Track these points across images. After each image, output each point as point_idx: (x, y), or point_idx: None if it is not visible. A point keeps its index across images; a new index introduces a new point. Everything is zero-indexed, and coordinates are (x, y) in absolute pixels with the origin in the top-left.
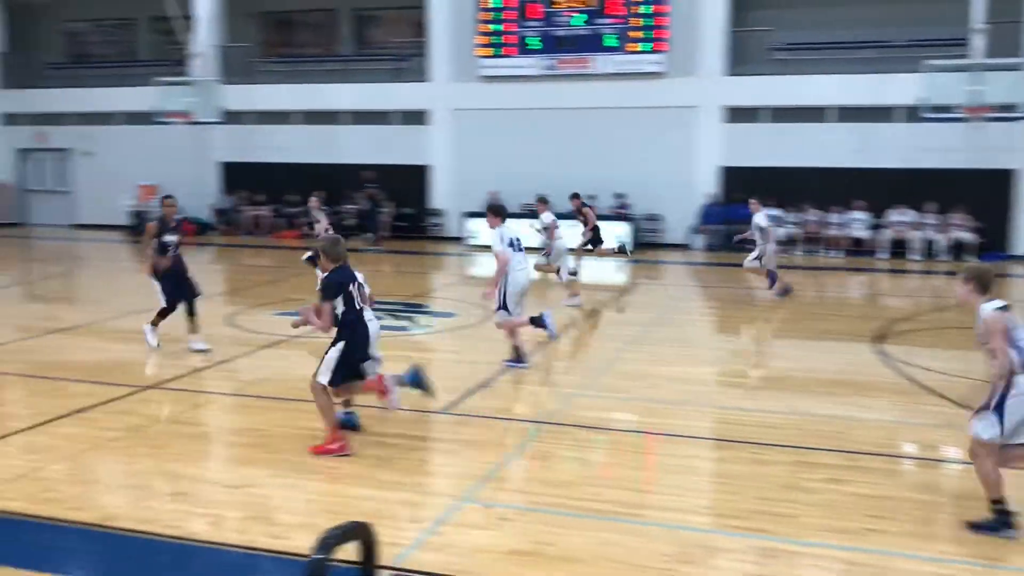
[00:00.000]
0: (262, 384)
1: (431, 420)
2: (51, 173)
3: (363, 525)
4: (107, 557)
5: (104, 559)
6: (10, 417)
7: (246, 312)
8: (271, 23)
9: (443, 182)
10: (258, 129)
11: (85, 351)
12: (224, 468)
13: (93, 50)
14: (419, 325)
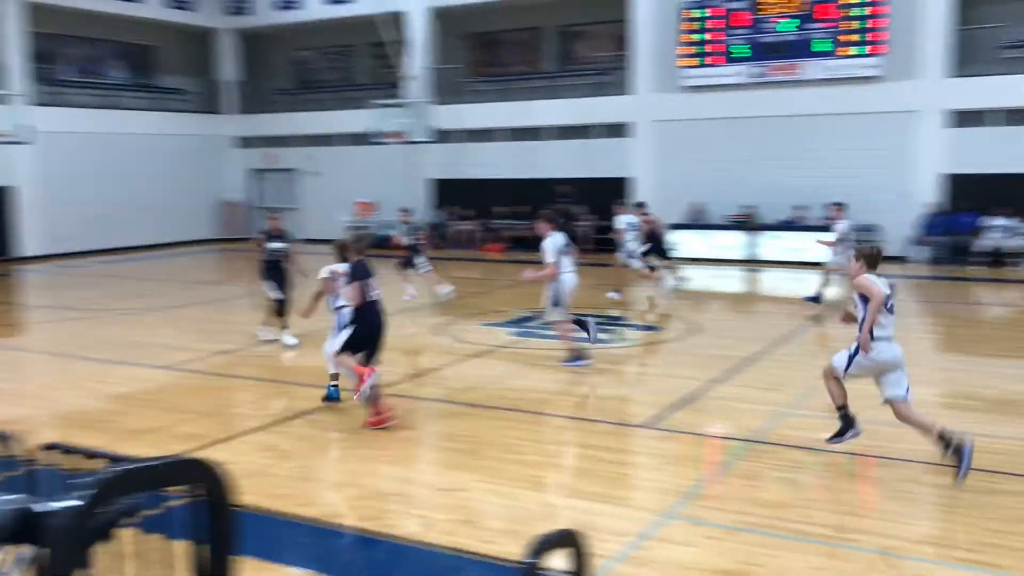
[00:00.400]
0: (470, 392)
1: (634, 434)
2: (279, 191)
3: (575, 533)
4: (330, 552)
5: (327, 554)
6: (245, 417)
7: (455, 323)
8: (479, 44)
9: (645, 194)
10: (466, 146)
11: (310, 357)
12: (435, 472)
13: (317, 76)
14: (622, 339)
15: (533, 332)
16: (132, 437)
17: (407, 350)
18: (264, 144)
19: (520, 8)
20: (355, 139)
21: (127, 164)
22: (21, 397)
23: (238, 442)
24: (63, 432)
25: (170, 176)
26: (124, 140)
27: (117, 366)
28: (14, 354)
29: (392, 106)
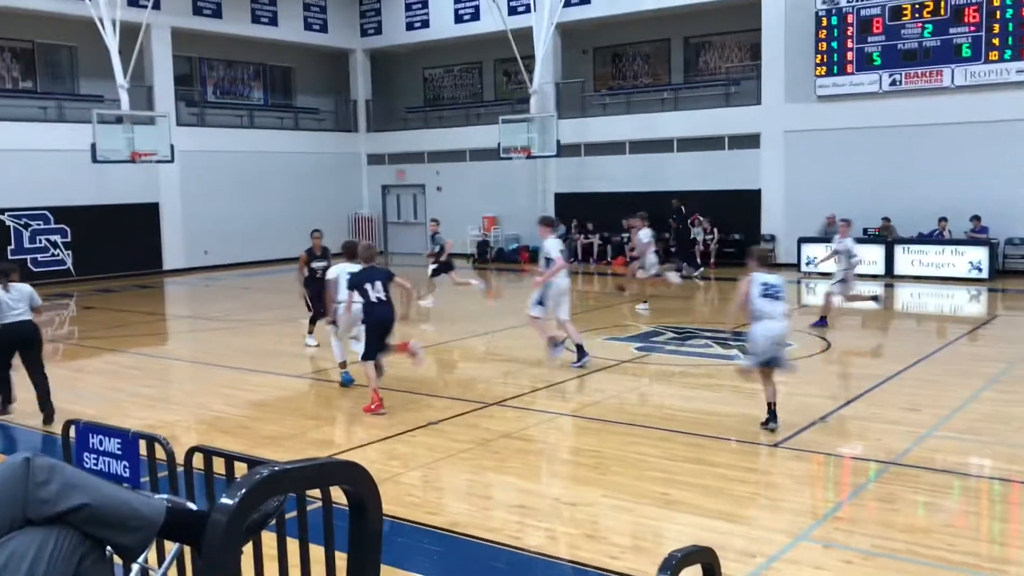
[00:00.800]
0: (594, 407)
1: (764, 453)
2: (408, 206)
3: (708, 550)
4: (454, 560)
5: (452, 562)
6: (374, 426)
7: None
8: (604, 57)
9: (774, 206)
10: (590, 160)
11: (437, 367)
12: (561, 485)
13: (445, 93)
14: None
15: (659, 347)
16: (268, 442)
17: (531, 363)
18: (394, 160)
19: (646, 21)
20: (481, 154)
21: (265, 181)
22: (167, 403)
23: (368, 449)
24: (206, 436)
25: (305, 192)
26: (262, 158)
27: (254, 374)
28: (161, 362)
29: (518, 121)
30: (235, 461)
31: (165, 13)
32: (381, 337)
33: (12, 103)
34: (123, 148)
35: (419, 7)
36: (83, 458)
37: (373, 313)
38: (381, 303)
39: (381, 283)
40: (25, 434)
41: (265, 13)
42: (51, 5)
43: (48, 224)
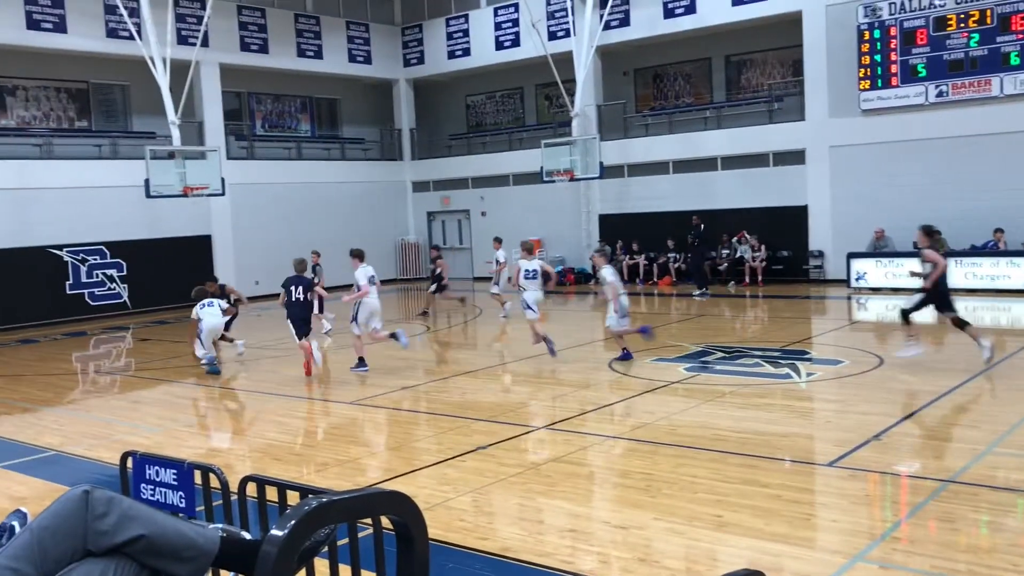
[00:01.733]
0: (644, 429)
1: (818, 473)
2: (453, 232)
3: (759, 573)
4: None
5: None
6: (424, 451)
7: None
8: (645, 78)
9: (822, 222)
10: (634, 180)
11: (485, 392)
12: (611, 508)
13: (487, 119)
14: (802, 373)
15: (709, 367)
16: (321, 470)
17: (578, 385)
18: (438, 187)
19: (686, 40)
20: (524, 178)
21: (313, 211)
22: (221, 432)
23: (419, 475)
24: (259, 465)
25: (353, 221)
26: (310, 189)
27: (306, 401)
28: (214, 391)
29: (560, 144)
30: (288, 490)
31: (213, 50)
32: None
33: (69, 142)
34: (175, 183)
35: (460, 36)
36: (140, 489)
37: (288, 313)
38: (298, 302)
39: (303, 288)
40: (83, 465)
41: (310, 47)
42: (104, 46)
43: (104, 259)
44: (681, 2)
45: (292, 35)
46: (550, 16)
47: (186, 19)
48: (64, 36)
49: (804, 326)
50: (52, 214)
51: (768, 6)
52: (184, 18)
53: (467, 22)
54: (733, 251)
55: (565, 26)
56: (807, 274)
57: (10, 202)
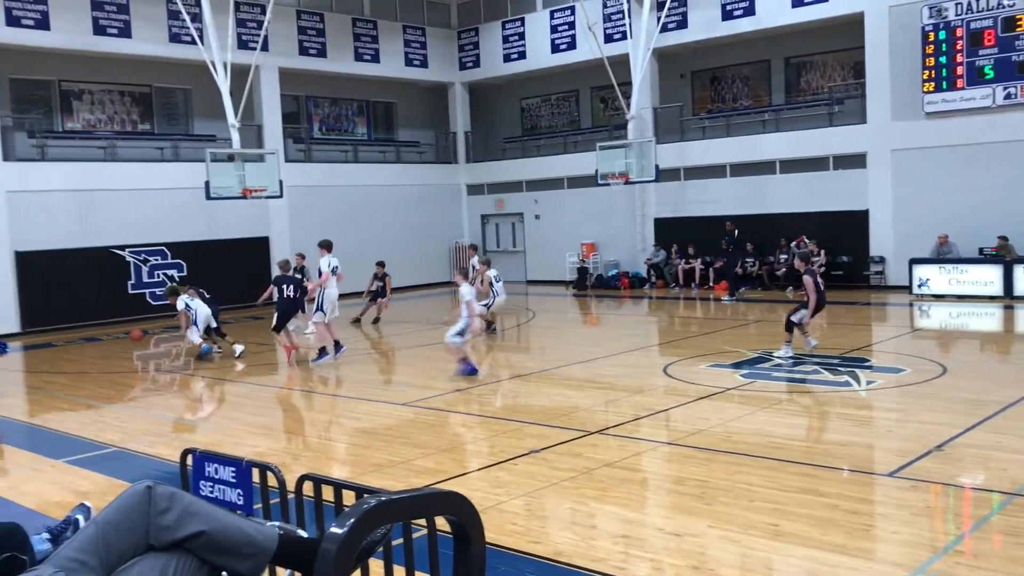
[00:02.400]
0: (699, 435)
1: (877, 483)
2: (507, 235)
3: None
4: None
5: None
6: (476, 454)
7: (680, 363)
8: (703, 81)
9: (883, 227)
10: (690, 184)
11: (538, 396)
12: (664, 515)
13: (542, 122)
14: (862, 381)
15: (766, 374)
16: (375, 470)
17: (633, 390)
18: (493, 190)
19: (744, 43)
20: (579, 181)
21: (368, 213)
22: (278, 431)
23: (471, 477)
24: (314, 464)
25: (408, 223)
26: (366, 191)
27: (362, 402)
28: (271, 391)
29: (615, 147)
30: (344, 489)
31: (273, 54)
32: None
33: (132, 144)
34: (235, 185)
35: (516, 39)
36: (199, 486)
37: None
38: (289, 299)
39: (294, 286)
40: (143, 461)
41: (368, 51)
42: (167, 51)
43: (165, 259)
44: (740, 4)
45: (350, 39)
46: (606, 19)
47: (246, 24)
48: (129, 41)
49: (864, 333)
50: (115, 215)
51: (829, 7)
52: (244, 23)
53: (523, 25)
54: (791, 256)
55: (622, 28)
56: (867, 280)
57: (75, 203)
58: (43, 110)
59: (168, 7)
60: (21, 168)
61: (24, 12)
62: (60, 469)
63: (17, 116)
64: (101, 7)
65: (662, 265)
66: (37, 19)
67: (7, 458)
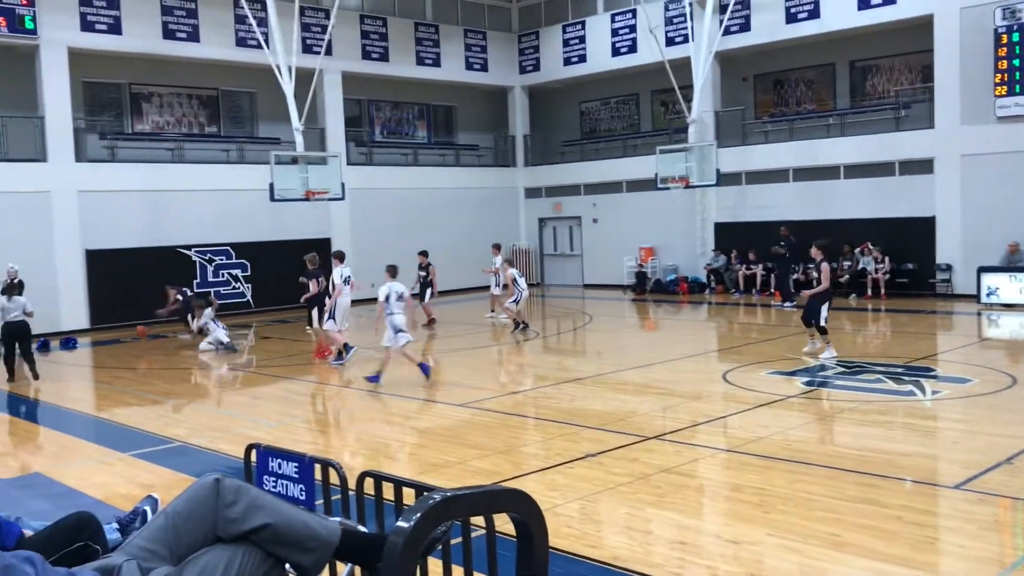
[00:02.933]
0: (758, 443)
1: (942, 495)
2: (564, 238)
3: None
4: None
5: None
6: (532, 456)
7: (740, 370)
8: (766, 84)
9: (950, 234)
10: (751, 188)
11: (595, 400)
12: (722, 522)
13: (602, 125)
14: (927, 391)
15: (828, 382)
16: (433, 469)
17: (691, 396)
18: (551, 193)
19: (809, 46)
20: (638, 185)
21: (427, 216)
22: (337, 429)
23: (527, 480)
24: (372, 462)
25: (465, 226)
26: (425, 194)
27: (421, 402)
28: (331, 389)
29: (675, 151)
30: (403, 487)
31: (337, 59)
32: None
33: (199, 147)
34: (298, 187)
35: (576, 43)
36: (263, 480)
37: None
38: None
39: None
40: (207, 456)
41: (429, 55)
42: (234, 55)
43: (230, 259)
44: (804, 7)
45: (412, 43)
46: (668, 22)
47: (311, 28)
48: (197, 45)
49: (930, 342)
50: (182, 215)
51: (897, 10)
52: (309, 27)
53: (584, 28)
54: (855, 262)
55: (683, 32)
56: (933, 288)
57: (143, 203)
58: (114, 112)
59: (235, 12)
60: (92, 169)
61: (97, 17)
62: (127, 462)
63: (89, 119)
64: (171, 12)
65: (722, 270)
66: (110, 24)
67: (76, 451)
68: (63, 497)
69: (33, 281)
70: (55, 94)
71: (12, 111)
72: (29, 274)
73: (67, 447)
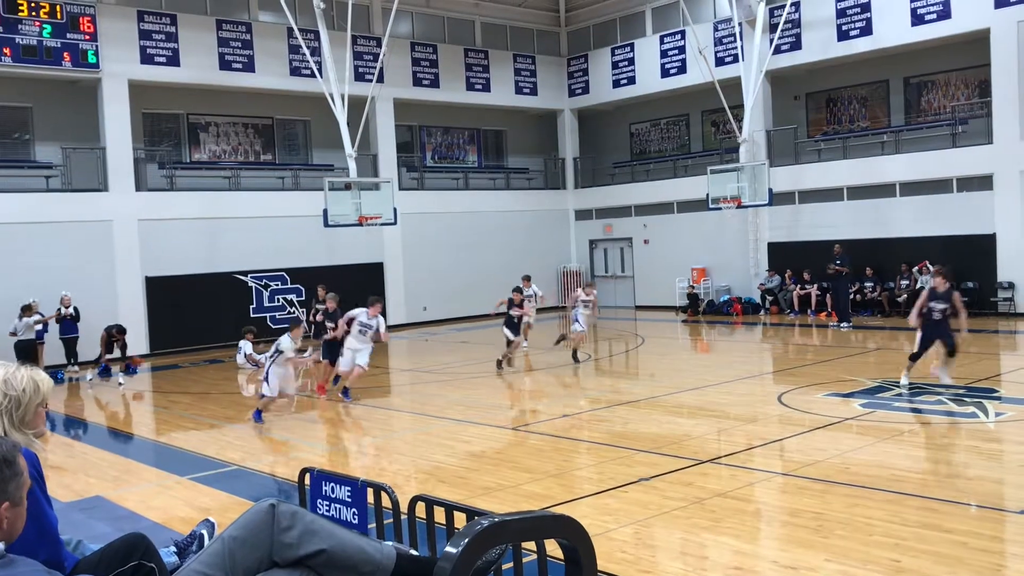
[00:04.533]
0: (815, 466)
1: (1009, 520)
2: (616, 260)
3: None
4: None
5: None
6: (585, 480)
7: (796, 392)
8: (818, 102)
9: (1012, 252)
10: (805, 208)
11: (648, 423)
12: (779, 547)
13: (652, 147)
14: (990, 412)
15: (886, 404)
16: (484, 493)
17: (746, 419)
18: (601, 215)
19: (861, 63)
20: (689, 206)
21: (478, 239)
22: (391, 453)
23: (580, 504)
24: (425, 486)
25: (517, 249)
26: (476, 218)
27: (471, 425)
28: (384, 413)
29: (727, 171)
30: (455, 511)
31: (388, 86)
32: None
33: (255, 174)
34: (351, 213)
35: (625, 65)
36: (316, 504)
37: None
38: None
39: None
40: (262, 480)
41: (479, 80)
42: (288, 84)
43: (285, 284)
44: (856, 24)
45: (462, 69)
46: (717, 42)
47: (363, 56)
48: (252, 75)
49: (992, 362)
50: (238, 242)
51: (952, 25)
52: (361, 56)
53: (632, 51)
54: (913, 281)
55: (733, 51)
56: (995, 307)
57: (201, 231)
58: (172, 142)
59: (289, 42)
60: (151, 197)
61: (157, 51)
62: (185, 485)
63: (149, 149)
64: (227, 43)
65: (776, 291)
66: (168, 56)
67: (136, 474)
68: (123, 520)
69: (96, 308)
70: (116, 125)
71: (75, 143)
72: (92, 301)
73: (128, 470)
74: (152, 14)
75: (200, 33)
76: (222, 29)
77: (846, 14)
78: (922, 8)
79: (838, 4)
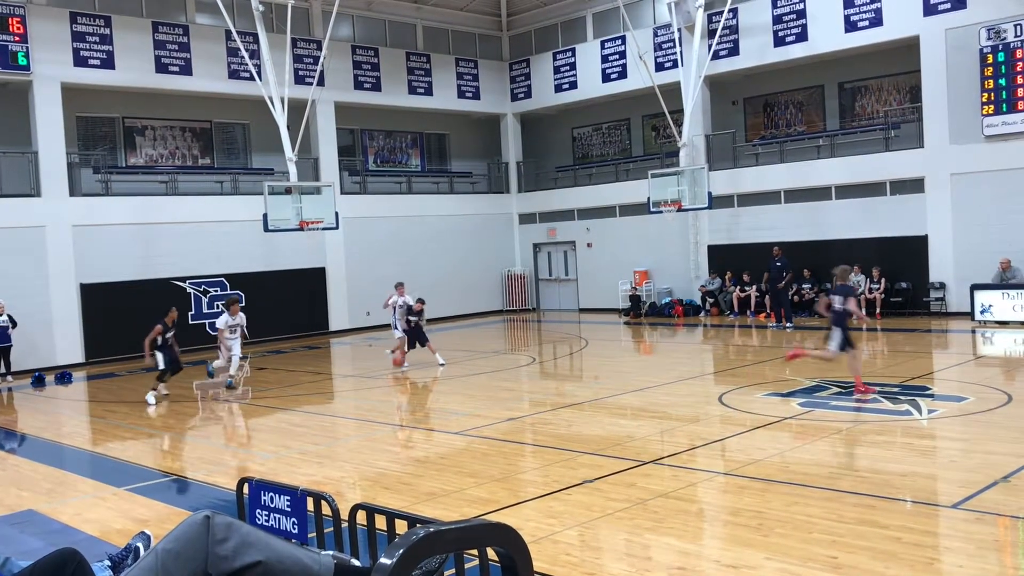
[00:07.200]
0: (755, 465)
1: (940, 515)
2: (559, 263)
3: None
4: None
5: None
6: (529, 483)
7: (737, 392)
8: (755, 107)
9: (943, 252)
10: (744, 211)
11: (592, 425)
12: (721, 547)
13: (594, 151)
14: (923, 410)
15: (824, 403)
16: (429, 499)
17: (688, 420)
18: (545, 219)
19: (797, 68)
20: (631, 209)
21: (422, 243)
22: (332, 460)
23: (525, 507)
24: (369, 493)
25: (461, 253)
26: (419, 222)
27: (414, 431)
28: (327, 420)
29: (667, 175)
30: (396, 519)
31: (329, 89)
32: None
33: (193, 179)
34: (292, 217)
35: (567, 69)
36: (255, 514)
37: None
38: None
39: None
40: (201, 489)
41: (421, 84)
42: (227, 87)
43: (224, 290)
44: (792, 30)
45: (403, 73)
46: (657, 47)
47: (303, 60)
48: (189, 78)
49: (925, 361)
50: (176, 248)
51: (883, 32)
52: (301, 59)
53: (574, 56)
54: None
55: (672, 57)
56: (927, 307)
57: (138, 236)
58: (107, 146)
59: (227, 45)
60: (86, 203)
61: (91, 53)
62: (121, 497)
63: (83, 153)
64: (163, 46)
65: (717, 293)
66: (103, 59)
67: (71, 486)
68: (56, 535)
69: (28, 316)
70: (48, 129)
71: (6, 147)
72: (24, 309)
73: (62, 482)
74: (85, 15)
75: (136, 35)
76: (158, 31)
77: (782, 20)
78: (855, 15)
79: (775, 11)
